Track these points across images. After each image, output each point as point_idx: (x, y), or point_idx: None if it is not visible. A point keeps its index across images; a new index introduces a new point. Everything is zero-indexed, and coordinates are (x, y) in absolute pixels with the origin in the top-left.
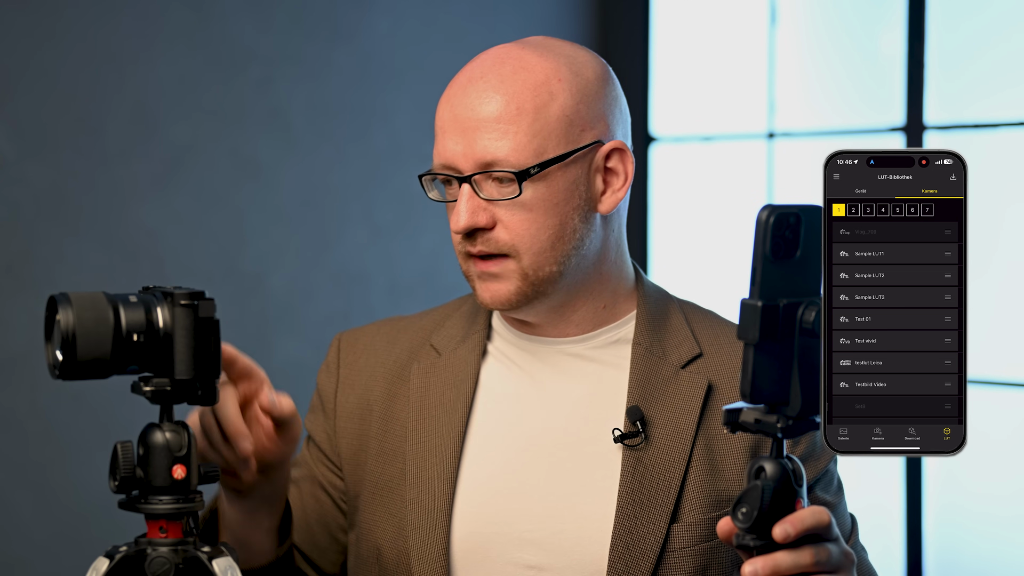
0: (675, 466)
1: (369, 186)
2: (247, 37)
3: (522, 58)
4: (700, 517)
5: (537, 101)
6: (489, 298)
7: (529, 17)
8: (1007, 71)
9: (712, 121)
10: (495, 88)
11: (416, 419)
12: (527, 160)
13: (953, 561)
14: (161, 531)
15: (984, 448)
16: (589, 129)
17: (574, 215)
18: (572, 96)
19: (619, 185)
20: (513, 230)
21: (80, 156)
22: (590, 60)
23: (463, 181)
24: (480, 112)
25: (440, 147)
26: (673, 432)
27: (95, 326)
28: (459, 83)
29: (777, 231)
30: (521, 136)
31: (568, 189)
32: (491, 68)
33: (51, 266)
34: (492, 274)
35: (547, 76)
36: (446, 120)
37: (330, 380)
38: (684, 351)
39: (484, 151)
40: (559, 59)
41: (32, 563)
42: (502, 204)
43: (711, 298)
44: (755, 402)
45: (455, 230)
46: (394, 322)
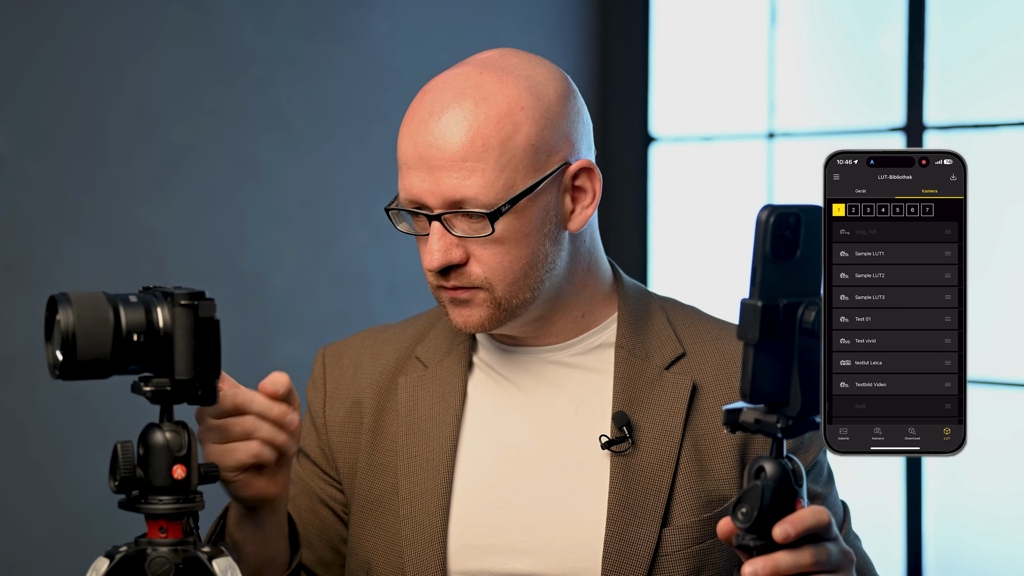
0: (663, 470)
1: (369, 186)
2: (247, 37)
3: (481, 87)
4: (691, 519)
5: (502, 135)
6: (462, 323)
7: (529, 17)
8: (1007, 71)
9: (712, 121)
10: (457, 123)
11: (406, 433)
12: (497, 197)
13: (953, 561)
14: (161, 531)
15: (984, 448)
16: (555, 153)
17: (545, 240)
18: (536, 123)
19: (587, 202)
20: (486, 264)
21: (80, 156)
22: (550, 78)
23: (433, 219)
24: (444, 150)
25: (406, 182)
26: (660, 436)
27: (95, 326)
28: (419, 117)
29: (777, 231)
30: (489, 173)
31: (539, 217)
32: (452, 101)
33: (51, 266)
34: (463, 300)
35: (509, 106)
36: (410, 156)
37: (318, 395)
38: (667, 351)
39: (452, 190)
40: (519, 83)
41: (32, 563)
42: (474, 240)
43: (711, 298)
44: (755, 402)
45: (429, 268)
46: (377, 333)
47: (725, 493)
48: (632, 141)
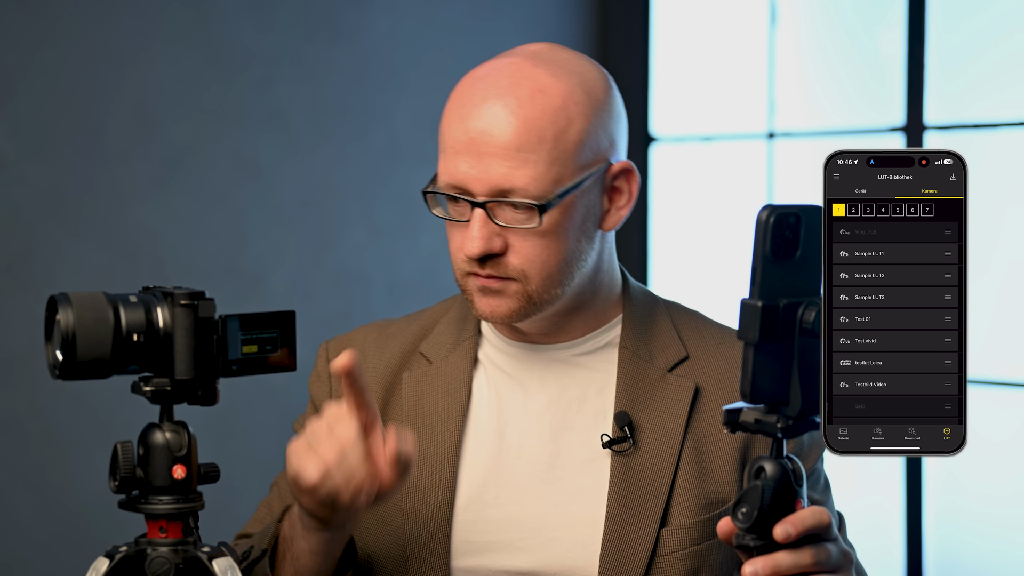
0: (664, 471)
1: (369, 186)
2: (247, 37)
3: (537, 79)
4: (690, 520)
5: (556, 128)
6: (489, 312)
7: (529, 17)
8: (1007, 71)
9: (712, 121)
10: (513, 112)
11: (410, 429)
12: (547, 190)
13: (953, 561)
14: (161, 531)
15: (984, 448)
16: (600, 151)
17: (582, 237)
18: (587, 120)
19: (623, 203)
20: (525, 256)
21: (80, 156)
22: (598, 76)
23: (477, 206)
24: (498, 137)
25: (450, 166)
26: (661, 436)
27: (95, 326)
28: (471, 102)
29: (777, 231)
30: (541, 165)
31: (581, 214)
32: (507, 89)
33: (51, 266)
34: (495, 291)
35: (564, 100)
36: (459, 140)
37: (323, 388)
38: (671, 354)
39: (503, 178)
40: (571, 78)
41: (32, 563)
42: (516, 230)
43: (711, 298)
44: (755, 402)
45: (468, 254)
46: (380, 328)
47: (724, 495)
48: (632, 141)
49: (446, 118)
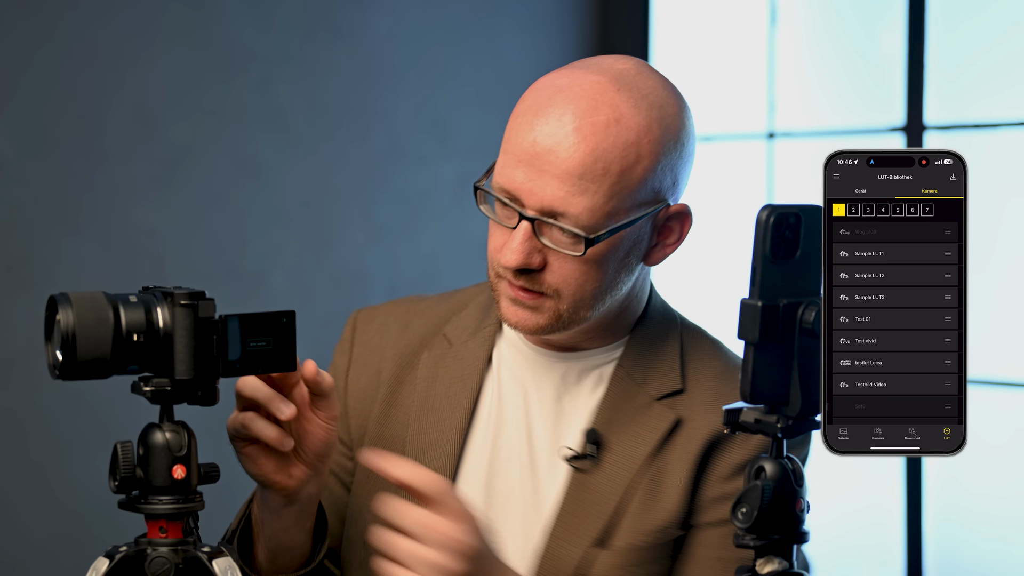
0: (614, 493)
1: (369, 186)
2: (247, 37)
3: (617, 107)
4: (631, 543)
5: (624, 163)
6: (515, 322)
7: (529, 17)
8: (1007, 71)
9: (712, 121)
10: (584, 138)
11: (420, 409)
12: (599, 222)
13: (953, 561)
14: (161, 531)
15: (984, 448)
16: (663, 191)
17: (622, 270)
18: (656, 159)
19: (671, 241)
20: (562, 277)
21: (80, 156)
22: (677, 113)
23: (525, 219)
24: (563, 159)
25: (508, 171)
26: (623, 460)
27: (95, 326)
28: (545, 112)
29: (777, 231)
30: (599, 197)
31: (626, 248)
32: (584, 112)
33: (51, 266)
34: (526, 305)
35: (639, 136)
36: (523, 148)
37: (343, 359)
38: (665, 383)
39: (558, 201)
40: (651, 112)
41: (32, 563)
42: (558, 252)
43: (711, 298)
44: (755, 402)
45: (505, 264)
46: (411, 304)
47: (670, 522)
48: None
49: (516, 119)
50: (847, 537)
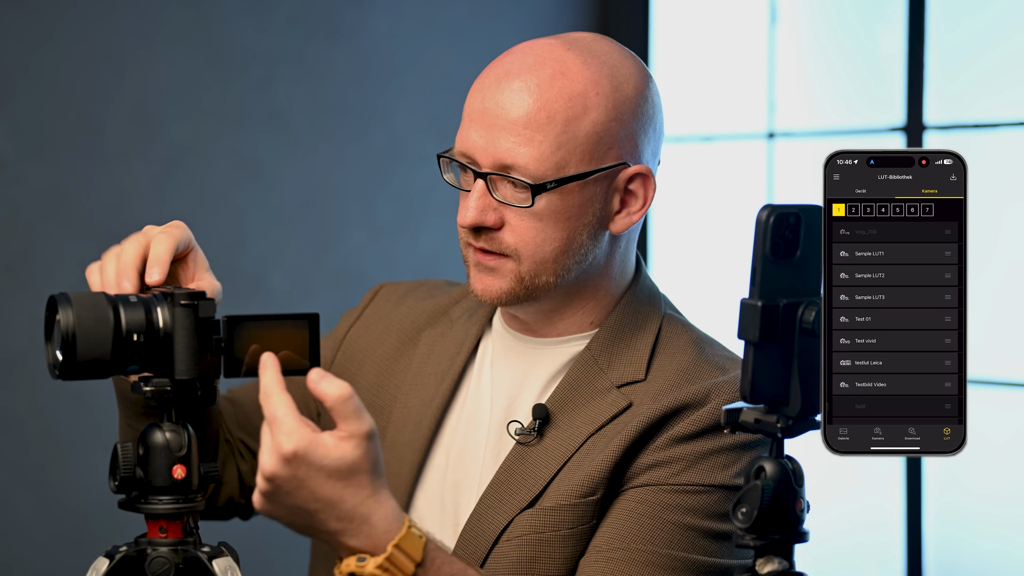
0: (550, 466)
1: (369, 186)
2: (247, 37)
3: (564, 62)
4: (553, 504)
5: (569, 112)
6: (480, 290)
7: (529, 17)
8: (1007, 71)
9: (712, 121)
10: (529, 90)
11: (411, 383)
12: (546, 172)
13: (953, 561)
14: (161, 531)
15: (984, 448)
16: (616, 148)
17: (583, 231)
18: (606, 112)
19: (636, 208)
20: (519, 235)
21: (80, 156)
22: (633, 73)
23: (479, 176)
24: (509, 112)
25: (463, 134)
26: (566, 436)
27: (95, 326)
28: (495, 73)
29: (777, 231)
30: (545, 146)
31: (582, 205)
32: (531, 67)
33: (51, 266)
34: (488, 267)
35: (585, 87)
36: (474, 109)
37: (351, 316)
38: (629, 372)
39: (505, 153)
40: (601, 69)
41: (32, 563)
42: (513, 208)
43: (711, 298)
44: (755, 402)
45: (461, 224)
46: (433, 289)
47: (591, 482)
48: None
49: (472, 87)
50: (847, 537)
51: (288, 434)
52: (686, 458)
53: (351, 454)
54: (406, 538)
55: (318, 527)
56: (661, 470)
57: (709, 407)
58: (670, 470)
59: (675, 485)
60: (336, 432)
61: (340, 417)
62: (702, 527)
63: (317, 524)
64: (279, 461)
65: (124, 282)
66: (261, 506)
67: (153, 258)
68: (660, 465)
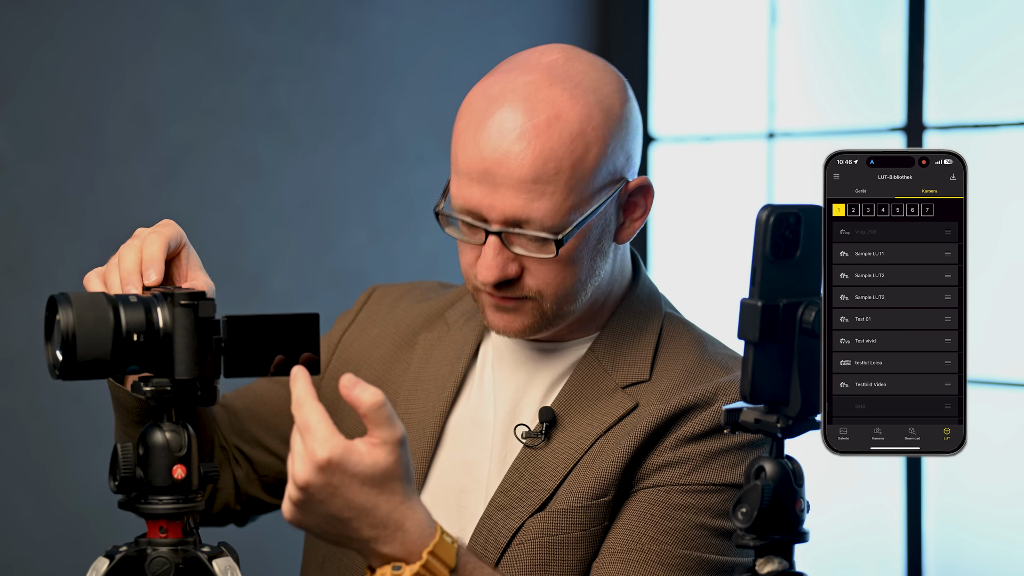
0: (559, 469)
1: (369, 186)
2: (247, 37)
3: (554, 102)
4: (564, 507)
5: (573, 157)
6: (502, 327)
7: (529, 17)
8: (1007, 71)
9: (712, 121)
10: (529, 142)
11: (409, 388)
12: (564, 220)
13: (953, 561)
14: (161, 531)
15: (984, 448)
16: (618, 170)
17: (597, 256)
18: (604, 143)
19: (638, 215)
20: (541, 279)
21: (80, 156)
22: (615, 90)
23: (492, 234)
24: (514, 169)
25: (464, 191)
26: (574, 439)
27: (95, 326)
28: (486, 126)
29: (777, 231)
30: (558, 196)
31: (596, 235)
32: (524, 116)
33: (51, 266)
34: (509, 309)
35: (581, 125)
36: (473, 167)
37: (344, 322)
38: (633, 373)
39: (519, 210)
40: (588, 98)
41: (32, 563)
42: (532, 258)
43: (711, 298)
44: (755, 402)
45: (484, 282)
46: (428, 292)
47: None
48: None
49: (459, 138)
50: (847, 536)
51: (322, 442)
52: (696, 458)
53: (384, 460)
54: (440, 544)
55: (351, 535)
56: (672, 470)
57: (717, 406)
58: (681, 470)
59: (686, 485)
60: (368, 439)
61: (373, 424)
62: (714, 526)
63: (351, 532)
64: (313, 469)
65: (130, 288)
66: (292, 515)
67: (147, 260)
68: (671, 465)
